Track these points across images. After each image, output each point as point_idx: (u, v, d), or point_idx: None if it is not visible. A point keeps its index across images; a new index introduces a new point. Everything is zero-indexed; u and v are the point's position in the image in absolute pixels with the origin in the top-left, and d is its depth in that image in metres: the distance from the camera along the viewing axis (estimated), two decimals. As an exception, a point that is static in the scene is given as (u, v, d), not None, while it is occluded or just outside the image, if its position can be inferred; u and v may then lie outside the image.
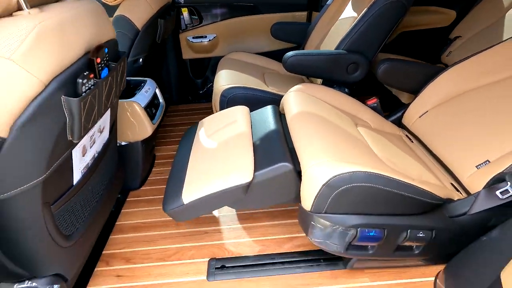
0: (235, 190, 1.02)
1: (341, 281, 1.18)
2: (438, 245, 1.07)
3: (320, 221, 0.98)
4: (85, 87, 0.74)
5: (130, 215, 1.57)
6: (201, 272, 1.25)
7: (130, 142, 1.55)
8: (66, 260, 0.97)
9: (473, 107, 1.30)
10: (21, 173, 0.68)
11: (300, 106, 1.29)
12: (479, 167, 1.12)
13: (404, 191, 0.94)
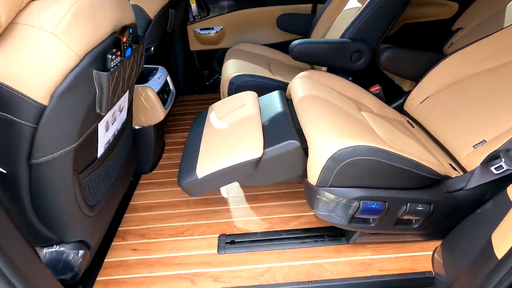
0: (246, 166, 1.09)
1: (344, 254, 1.26)
2: (436, 219, 1.13)
3: (325, 194, 1.05)
4: (113, 63, 0.82)
5: (143, 196, 1.65)
6: (212, 246, 1.33)
7: (143, 126, 1.62)
8: (89, 229, 1.05)
9: (471, 92, 1.36)
10: (58, 139, 0.75)
11: (306, 90, 1.36)
12: (476, 147, 1.18)
13: (404, 165, 1.01)
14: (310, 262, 1.24)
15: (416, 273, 1.16)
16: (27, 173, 0.78)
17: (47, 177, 0.80)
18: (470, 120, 1.27)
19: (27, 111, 0.70)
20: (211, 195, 1.61)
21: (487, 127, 1.19)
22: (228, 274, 1.21)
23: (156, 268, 1.26)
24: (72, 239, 1.00)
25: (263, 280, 1.18)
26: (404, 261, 1.21)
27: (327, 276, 1.18)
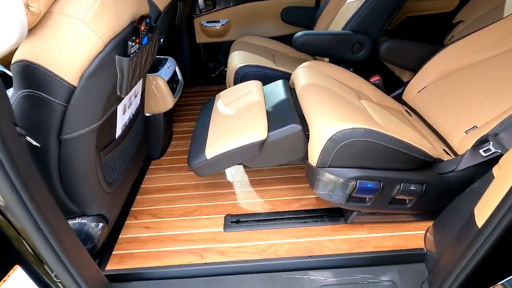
0: (251, 147, 1.18)
1: (342, 233, 1.34)
2: (428, 199, 1.21)
3: (324, 174, 1.14)
4: (132, 49, 0.90)
5: (153, 180, 1.74)
6: (218, 225, 1.43)
7: (154, 114, 1.71)
8: (108, 204, 1.15)
9: (466, 81, 1.43)
10: (85, 118, 0.84)
11: (309, 79, 1.43)
12: (467, 132, 1.26)
13: (398, 147, 1.08)
14: (310, 239, 1.33)
15: (408, 250, 1.24)
16: (56, 147, 0.87)
17: (74, 152, 0.89)
18: (464, 107, 1.35)
19: (59, 91, 0.79)
20: (217, 179, 1.70)
21: (478, 114, 1.26)
22: (234, 250, 1.31)
23: (167, 244, 1.36)
24: (92, 212, 1.10)
25: (266, 255, 1.28)
26: (398, 239, 1.30)
27: (326, 252, 1.27)
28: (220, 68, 2.88)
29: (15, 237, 0.76)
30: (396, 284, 1.16)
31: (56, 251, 0.78)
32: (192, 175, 1.74)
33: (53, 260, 0.79)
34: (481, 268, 0.88)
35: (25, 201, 0.69)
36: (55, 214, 0.77)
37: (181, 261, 1.27)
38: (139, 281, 1.23)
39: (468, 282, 0.91)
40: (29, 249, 0.76)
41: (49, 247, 0.76)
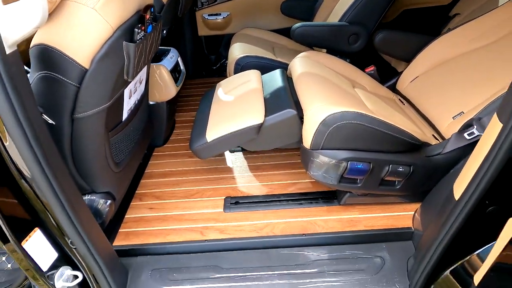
0: (248, 130, 1.25)
1: (335, 213, 1.42)
2: (416, 180, 1.29)
3: (317, 156, 1.21)
4: (138, 36, 0.97)
5: (157, 165, 1.83)
6: (218, 206, 1.51)
7: (157, 102, 1.79)
8: (115, 182, 1.23)
9: (456, 70, 1.49)
10: (96, 98, 0.92)
11: (305, 68, 1.50)
12: (454, 118, 1.32)
13: (387, 130, 1.15)
14: (304, 219, 1.41)
15: (397, 228, 1.32)
16: (69, 126, 0.95)
17: (85, 131, 0.97)
18: (453, 95, 1.41)
19: (73, 73, 0.86)
20: (218, 165, 1.78)
21: (465, 100, 1.33)
22: (233, 228, 1.39)
23: (170, 223, 1.44)
24: (101, 189, 1.19)
25: (262, 233, 1.36)
26: (388, 219, 1.37)
27: (319, 230, 1.35)
28: (221, 61, 2.94)
29: (40, 208, 0.84)
30: (385, 259, 1.23)
31: (72, 220, 0.87)
32: (194, 161, 1.82)
33: (70, 228, 0.88)
34: (458, 240, 0.95)
35: (47, 173, 0.78)
36: (71, 186, 0.85)
37: (183, 238, 1.35)
38: (143, 256, 1.31)
39: (446, 253, 0.99)
40: (49, 216, 0.85)
41: (66, 216, 0.85)
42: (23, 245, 0.77)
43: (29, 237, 0.79)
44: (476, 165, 0.81)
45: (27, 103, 0.69)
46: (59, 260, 0.91)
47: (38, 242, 0.82)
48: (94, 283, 1.05)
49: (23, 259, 0.85)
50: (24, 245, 0.78)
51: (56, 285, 0.89)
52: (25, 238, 0.78)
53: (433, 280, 1.09)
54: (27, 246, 0.78)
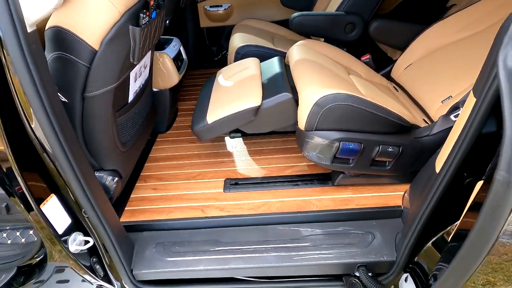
0: (247, 112, 1.33)
1: (329, 193, 1.50)
2: (405, 161, 1.36)
3: (312, 137, 1.29)
4: (143, 21, 1.05)
5: (160, 150, 1.91)
6: (218, 187, 1.59)
7: (160, 89, 1.87)
8: (122, 161, 1.32)
9: (448, 57, 1.55)
10: (105, 78, 1.00)
11: (302, 55, 1.57)
12: (443, 102, 1.39)
13: (376, 111, 1.22)
14: (300, 198, 1.48)
15: (387, 207, 1.39)
16: (80, 104, 1.03)
17: (95, 109, 1.05)
18: (443, 81, 1.47)
19: (84, 54, 0.94)
20: (219, 150, 1.86)
21: (454, 85, 1.39)
22: (232, 206, 1.47)
23: (172, 202, 1.53)
24: (108, 167, 1.27)
25: (260, 211, 1.44)
26: (379, 199, 1.45)
27: (313, 208, 1.42)
28: (222, 52, 3.01)
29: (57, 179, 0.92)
30: (375, 235, 1.31)
31: (85, 191, 0.96)
32: (196, 146, 1.91)
33: (83, 198, 0.96)
34: (438, 212, 1.03)
35: (65, 149, 0.86)
36: (84, 161, 0.94)
37: (185, 215, 1.44)
38: (148, 231, 1.40)
39: (427, 225, 1.06)
40: (66, 187, 0.93)
41: (80, 187, 0.94)
42: (41, 208, 0.86)
43: (46, 201, 0.87)
44: (454, 139, 0.88)
45: (45, 80, 0.77)
46: (72, 227, 1.00)
47: (54, 207, 0.91)
48: (104, 251, 1.14)
49: (44, 226, 0.93)
50: (42, 207, 0.86)
51: (70, 248, 0.98)
52: (43, 202, 0.87)
53: (417, 252, 1.17)
54: (45, 209, 0.87)
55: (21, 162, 0.84)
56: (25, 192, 0.85)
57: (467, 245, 0.68)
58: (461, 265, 0.70)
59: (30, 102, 0.76)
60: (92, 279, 1.21)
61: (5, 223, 1.42)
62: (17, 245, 1.42)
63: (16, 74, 0.74)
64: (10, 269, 1.35)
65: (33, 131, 0.82)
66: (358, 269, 1.23)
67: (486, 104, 0.74)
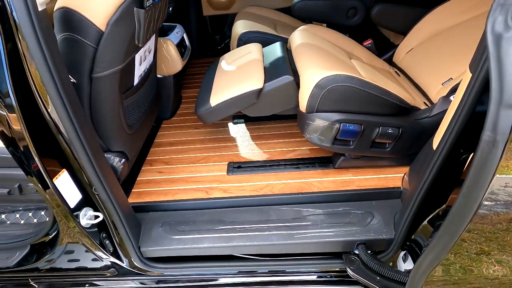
0: (249, 95, 1.35)
1: (330, 176, 1.53)
2: (405, 143, 1.38)
3: (312, 119, 1.31)
4: (148, 3, 1.07)
5: (165, 136, 1.95)
6: (222, 170, 1.63)
7: (164, 76, 1.90)
8: (128, 143, 1.36)
9: (449, 40, 1.55)
10: (111, 59, 1.03)
11: (304, 39, 1.58)
12: (444, 84, 1.40)
13: (376, 92, 1.24)
14: (301, 180, 1.52)
15: (387, 188, 1.42)
16: (88, 85, 1.07)
17: (102, 90, 1.09)
18: (443, 63, 1.48)
19: (91, 34, 0.97)
20: (222, 135, 1.89)
21: (454, 67, 1.40)
22: (235, 188, 1.52)
23: (178, 184, 1.58)
24: (116, 148, 1.31)
25: (262, 192, 1.48)
26: (379, 180, 1.48)
27: (314, 190, 1.46)
28: (226, 41, 3.02)
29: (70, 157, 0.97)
30: (374, 215, 1.35)
31: (95, 169, 1.00)
32: (200, 131, 1.94)
33: (93, 175, 1.01)
34: (434, 189, 1.05)
35: (77, 129, 0.90)
36: (94, 141, 0.98)
37: (190, 196, 1.49)
38: (155, 212, 1.45)
39: (424, 203, 1.09)
40: (77, 164, 0.98)
41: (90, 165, 0.98)
42: (54, 181, 0.91)
43: (59, 175, 0.92)
44: (451, 115, 0.91)
45: (57, 61, 0.81)
46: (83, 202, 1.05)
47: (65, 181, 0.96)
48: (113, 227, 1.19)
49: (60, 204, 0.98)
50: (55, 181, 0.91)
51: (81, 222, 1.03)
52: (55, 176, 0.92)
53: (414, 230, 1.20)
54: (57, 182, 0.92)
55: (37, 142, 0.89)
56: (40, 167, 0.89)
57: (455, 207, 0.71)
58: (450, 226, 0.73)
59: (44, 83, 0.80)
60: (103, 255, 1.27)
61: (18, 203, 1.49)
62: (30, 224, 1.49)
63: (32, 58, 0.77)
64: (24, 247, 1.42)
65: (48, 112, 0.86)
66: (357, 246, 1.27)
67: (481, 79, 0.76)
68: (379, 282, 1.19)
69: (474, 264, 0.88)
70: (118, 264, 1.31)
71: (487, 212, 0.77)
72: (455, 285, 0.92)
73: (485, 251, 0.85)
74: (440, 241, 0.76)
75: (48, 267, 1.39)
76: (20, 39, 0.78)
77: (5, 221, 1.53)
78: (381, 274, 1.19)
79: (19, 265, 1.39)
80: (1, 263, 1.42)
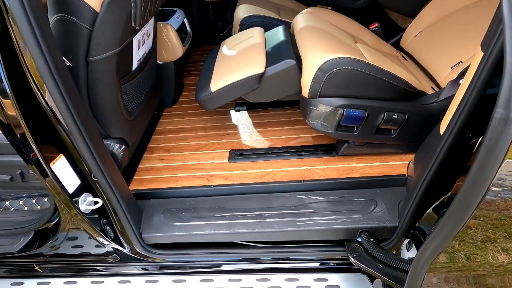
0: (250, 80, 1.32)
1: (333, 163, 1.50)
2: (411, 129, 1.34)
3: (315, 104, 1.28)
4: (144, -18, 1.04)
5: (166, 123, 1.93)
6: (224, 157, 1.61)
7: (165, 62, 1.86)
8: (128, 130, 1.34)
9: (458, 23, 1.48)
10: (107, 41, 1.00)
11: (307, 23, 1.53)
12: (453, 68, 1.34)
13: (382, 76, 1.20)
14: (304, 168, 1.50)
15: (391, 175, 1.39)
16: (85, 68, 1.04)
17: (99, 74, 1.06)
18: (452, 46, 1.42)
19: (86, 16, 0.94)
20: (224, 122, 1.87)
21: (464, 50, 1.34)
22: (237, 176, 1.50)
23: (179, 171, 1.56)
24: (115, 135, 1.30)
25: (264, 179, 1.46)
26: (383, 168, 1.45)
27: (317, 177, 1.44)
28: (228, 27, 2.95)
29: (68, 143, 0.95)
30: (378, 202, 1.32)
31: (93, 155, 0.99)
32: (202, 119, 1.92)
33: (91, 161, 0.99)
34: (441, 175, 1.02)
35: (74, 116, 0.88)
36: (92, 127, 0.96)
37: (191, 184, 1.48)
38: (156, 199, 1.45)
39: (429, 189, 1.05)
40: (75, 149, 0.97)
41: (88, 151, 0.97)
42: (51, 166, 0.90)
43: (56, 160, 0.91)
44: (459, 98, 0.86)
45: (50, 42, 0.78)
46: (82, 187, 1.04)
47: (63, 166, 0.95)
48: (113, 214, 1.19)
49: (60, 192, 0.98)
50: (52, 166, 0.90)
51: (80, 208, 1.03)
52: (52, 161, 0.91)
53: (418, 218, 1.17)
54: (55, 167, 0.91)
55: (33, 128, 0.88)
56: (36, 153, 0.88)
57: (462, 191, 0.68)
58: (455, 212, 0.71)
59: (38, 67, 0.78)
60: (105, 241, 1.27)
61: (21, 190, 1.50)
62: (33, 211, 1.50)
63: (24, 43, 0.75)
64: (28, 233, 1.43)
65: (44, 99, 0.85)
66: (360, 234, 1.25)
67: (494, 57, 0.72)
68: (381, 269, 1.17)
69: (479, 252, 0.86)
70: (120, 250, 1.32)
71: (494, 198, 0.74)
72: (458, 272, 0.90)
73: (491, 239, 0.82)
74: (445, 228, 0.73)
75: (52, 253, 1.40)
76: (11, 23, 0.75)
77: (9, 208, 1.55)
78: (383, 261, 1.17)
79: (23, 250, 1.41)
80: (6, 249, 1.44)
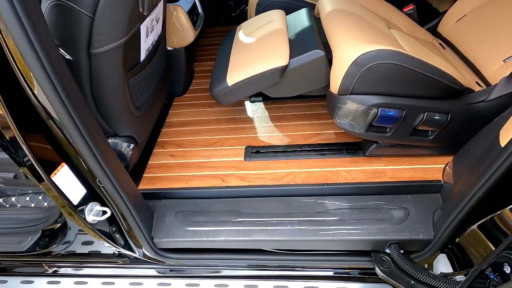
0: (272, 73, 1.17)
1: (359, 164, 1.37)
2: (452, 131, 1.19)
3: (345, 102, 1.13)
4: (152, -40, 0.88)
5: (177, 115, 1.81)
6: (239, 155, 1.50)
7: (175, 48, 1.71)
8: (137, 126, 1.23)
9: (507, 9, 1.28)
10: (111, 31, 0.87)
11: (335, 5, 1.34)
12: (506, 61, 1.17)
13: (427, 71, 1.03)
14: (327, 169, 1.37)
15: (425, 181, 1.26)
16: (87, 62, 0.91)
17: (103, 68, 0.93)
18: (503, 34, 1.23)
19: (85, 1, 0.80)
20: (238, 115, 1.74)
21: (521, 40, 1.16)
22: (253, 176, 1.39)
23: (191, 169, 1.46)
24: (123, 133, 1.19)
25: (284, 181, 1.35)
26: (415, 172, 1.31)
27: (342, 180, 1.31)
28: (241, 7, 2.74)
29: (67, 148, 0.85)
30: (409, 211, 1.20)
31: (98, 159, 0.88)
32: (214, 110, 1.79)
33: (96, 166, 0.89)
34: (494, 192, 0.89)
35: (72, 114, 0.77)
36: (95, 127, 0.85)
37: (205, 184, 1.37)
38: (167, 199, 1.36)
39: (479, 206, 0.93)
40: (77, 155, 0.86)
41: (91, 155, 0.86)
42: (52, 178, 0.80)
43: (57, 171, 0.81)
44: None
45: (41, 31, 0.65)
46: (88, 197, 0.95)
47: (66, 176, 0.84)
48: (123, 221, 1.10)
49: (57, 196, 0.88)
50: (54, 178, 0.80)
51: (87, 219, 0.94)
52: (53, 172, 0.80)
53: (459, 233, 1.05)
54: (56, 179, 0.81)
55: (25, 129, 0.77)
56: (33, 162, 0.78)
57: None
58: None
59: (26, 60, 0.65)
60: (115, 249, 1.20)
61: (27, 187, 1.42)
62: (40, 208, 1.43)
63: (6, 27, 0.62)
64: (35, 232, 1.37)
65: (34, 95, 0.73)
66: (389, 246, 1.14)
67: None
68: (412, 286, 1.07)
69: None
70: (131, 255, 1.25)
71: None
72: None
73: None
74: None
75: (61, 253, 1.35)
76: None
77: (16, 204, 1.48)
78: (416, 278, 1.07)
79: (31, 250, 1.36)
80: (14, 247, 1.39)
